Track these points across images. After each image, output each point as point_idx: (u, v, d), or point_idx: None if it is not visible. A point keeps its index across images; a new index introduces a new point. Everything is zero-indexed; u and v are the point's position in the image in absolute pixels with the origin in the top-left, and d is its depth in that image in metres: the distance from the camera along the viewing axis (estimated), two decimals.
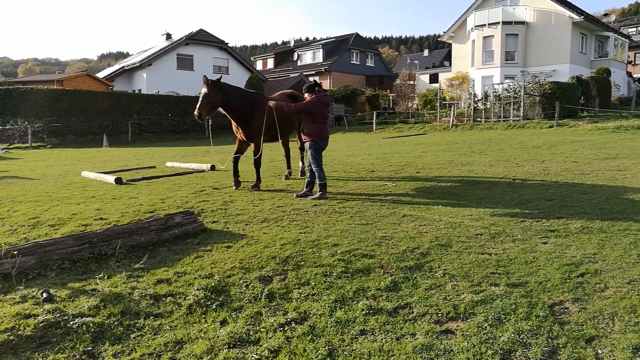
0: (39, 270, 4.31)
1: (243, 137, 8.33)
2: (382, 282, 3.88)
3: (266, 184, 8.88)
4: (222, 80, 7.91)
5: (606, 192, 6.99)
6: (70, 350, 2.99)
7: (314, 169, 7.38)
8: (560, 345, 2.85)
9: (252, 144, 8.31)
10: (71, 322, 3.29)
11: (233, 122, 8.30)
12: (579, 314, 3.20)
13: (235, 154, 8.46)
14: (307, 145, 7.45)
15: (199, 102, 7.56)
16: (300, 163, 9.67)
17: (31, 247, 4.47)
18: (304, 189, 7.48)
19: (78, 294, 3.80)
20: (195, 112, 7.50)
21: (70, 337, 3.14)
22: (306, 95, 7.60)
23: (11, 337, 3.10)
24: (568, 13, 32.19)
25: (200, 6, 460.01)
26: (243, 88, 8.53)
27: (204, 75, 7.93)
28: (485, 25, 34.01)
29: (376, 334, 3.10)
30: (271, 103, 7.67)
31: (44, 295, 3.69)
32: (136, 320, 3.39)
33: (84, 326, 3.24)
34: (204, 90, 7.60)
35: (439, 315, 3.30)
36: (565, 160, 10.70)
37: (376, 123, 29.18)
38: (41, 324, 3.26)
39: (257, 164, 8.28)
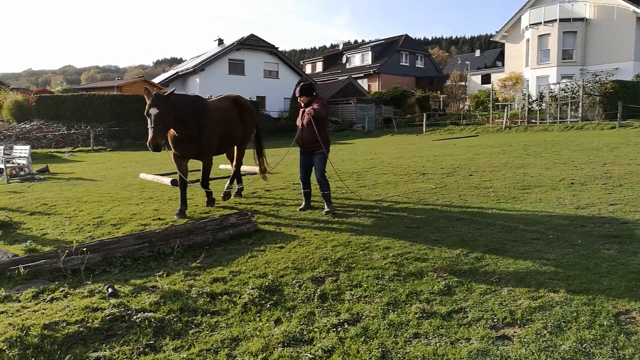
0: (104, 267, 4.56)
1: (186, 154, 6.88)
2: (435, 286, 3.83)
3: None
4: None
5: None
6: (134, 343, 3.14)
7: (324, 179, 6.47)
8: (627, 357, 2.72)
9: (201, 160, 6.98)
10: (134, 317, 3.46)
11: (170, 138, 6.63)
12: None
13: (180, 175, 6.91)
14: (321, 153, 6.40)
15: (152, 129, 5.86)
16: (228, 184, 7.88)
17: (97, 245, 4.74)
18: (329, 206, 6.47)
19: (140, 290, 3.99)
20: (150, 144, 5.88)
21: (134, 330, 3.31)
22: (303, 97, 6.45)
23: (81, 329, 3.30)
24: (632, 8, 30.51)
25: (251, 12, 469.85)
26: (186, 94, 6.94)
27: (146, 89, 6.17)
28: (540, 23, 32.83)
29: (430, 338, 3.07)
30: (309, 110, 6.23)
31: (109, 290, 3.89)
32: (194, 317, 3.52)
33: (146, 321, 3.40)
34: (154, 111, 5.89)
35: (495, 320, 3.23)
36: (630, 162, 10.15)
37: (426, 125, 28.74)
38: (107, 317, 3.45)
39: (207, 184, 7.03)
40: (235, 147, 7.87)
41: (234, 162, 8.04)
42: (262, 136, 8.44)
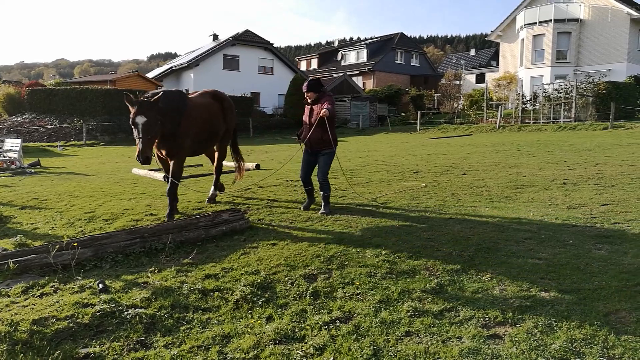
0: (95, 262, 4.53)
1: (163, 154, 6.37)
2: (427, 284, 3.84)
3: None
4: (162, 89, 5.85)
5: None
6: (124, 339, 3.12)
7: (326, 180, 6.29)
8: (617, 356, 2.74)
9: (172, 160, 6.31)
10: (125, 313, 3.44)
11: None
12: (637, 324, 3.06)
13: (166, 175, 6.51)
14: (328, 153, 6.23)
15: (140, 140, 5.44)
16: (213, 189, 7.47)
17: (88, 240, 4.70)
18: (325, 207, 6.30)
19: (131, 286, 3.96)
20: (140, 156, 5.43)
21: (124, 326, 3.28)
22: (310, 93, 6.20)
23: (71, 325, 3.28)
24: (626, 9, 30.71)
25: (246, 7, 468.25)
26: (169, 90, 6.39)
27: (126, 94, 5.65)
28: (535, 23, 32.96)
29: (421, 336, 3.07)
30: (324, 111, 5.87)
31: (100, 286, 3.87)
32: (185, 314, 3.50)
33: (137, 317, 3.38)
34: (142, 119, 5.47)
35: (486, 319, 3.24)
36: (621, 163, 10.22)
37: (420, 123, 28.76)
38: (98, 313, 3.42)
39: (174, 188, 6.22)
40: (216, 146, 7.50)
41: (215, 162, 7.65)
42: (237, 135, 7.94)
